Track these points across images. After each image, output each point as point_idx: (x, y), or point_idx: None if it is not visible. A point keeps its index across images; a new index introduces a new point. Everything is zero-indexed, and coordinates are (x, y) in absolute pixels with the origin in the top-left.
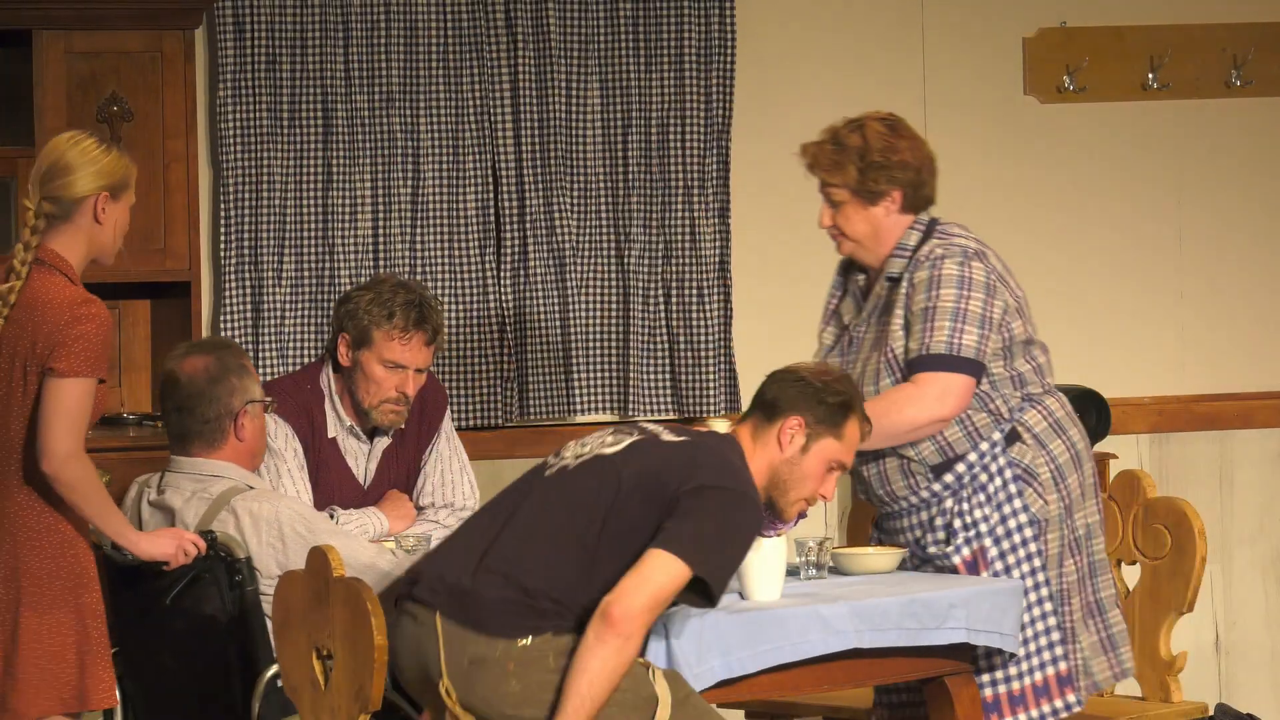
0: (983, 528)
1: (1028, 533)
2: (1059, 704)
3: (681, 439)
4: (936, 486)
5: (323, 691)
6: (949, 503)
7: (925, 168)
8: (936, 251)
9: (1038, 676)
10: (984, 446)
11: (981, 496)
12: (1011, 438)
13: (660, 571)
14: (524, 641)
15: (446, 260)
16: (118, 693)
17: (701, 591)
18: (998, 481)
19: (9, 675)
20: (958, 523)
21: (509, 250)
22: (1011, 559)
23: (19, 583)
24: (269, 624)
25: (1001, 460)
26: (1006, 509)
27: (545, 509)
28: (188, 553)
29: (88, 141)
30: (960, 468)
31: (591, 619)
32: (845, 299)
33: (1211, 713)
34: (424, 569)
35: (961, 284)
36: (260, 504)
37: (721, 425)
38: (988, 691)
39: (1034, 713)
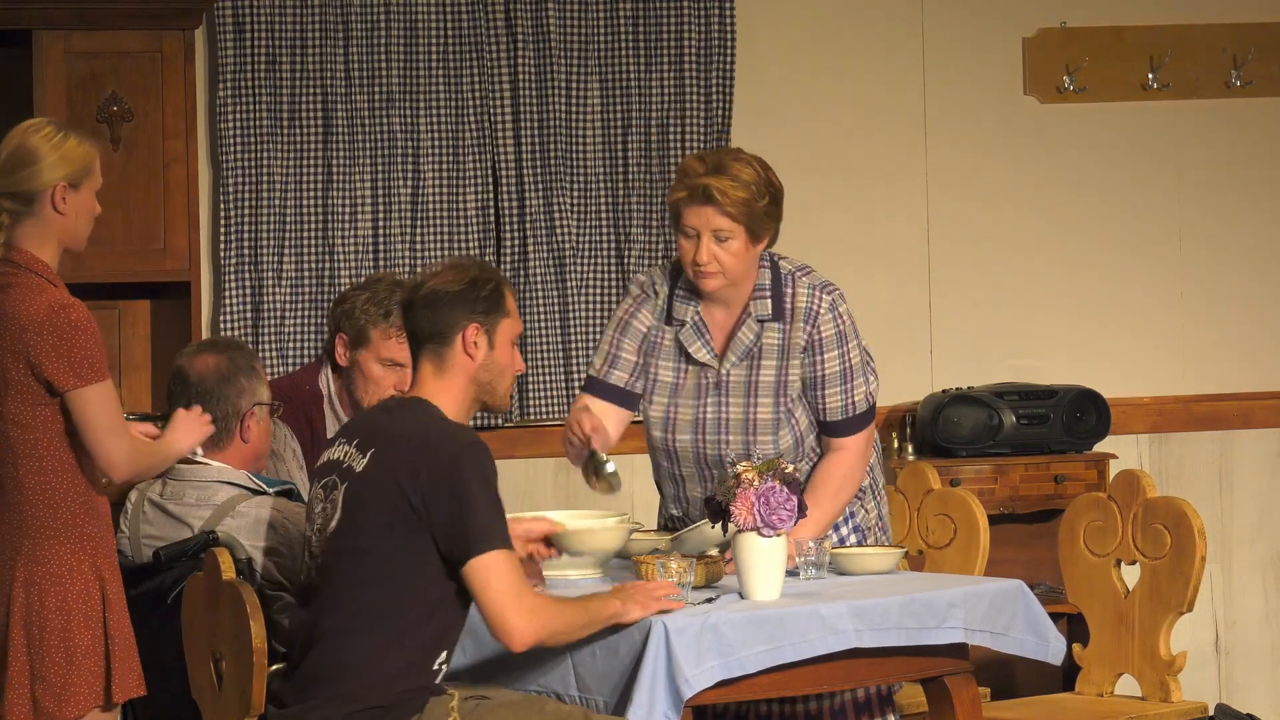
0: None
1: (851, 540)
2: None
3: (370, 456)
4: None
5: (218, 694)
6: None
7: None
8: (824, 299)
9: (859, 693)
10: (809, 438)
11: None
12: None
13: (500, 577)
14: None
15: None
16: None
17: None
18: None
19: (40, 679)
20: None
21: (509, 250)
22: None
23: (41, 586)
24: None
25: None
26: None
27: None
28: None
29: (45, 130)
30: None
31: (513, 651)
32: (686, 330)
33: (1211, 713)
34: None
35: (855, 332)
36: (264, 511)
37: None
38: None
39: None
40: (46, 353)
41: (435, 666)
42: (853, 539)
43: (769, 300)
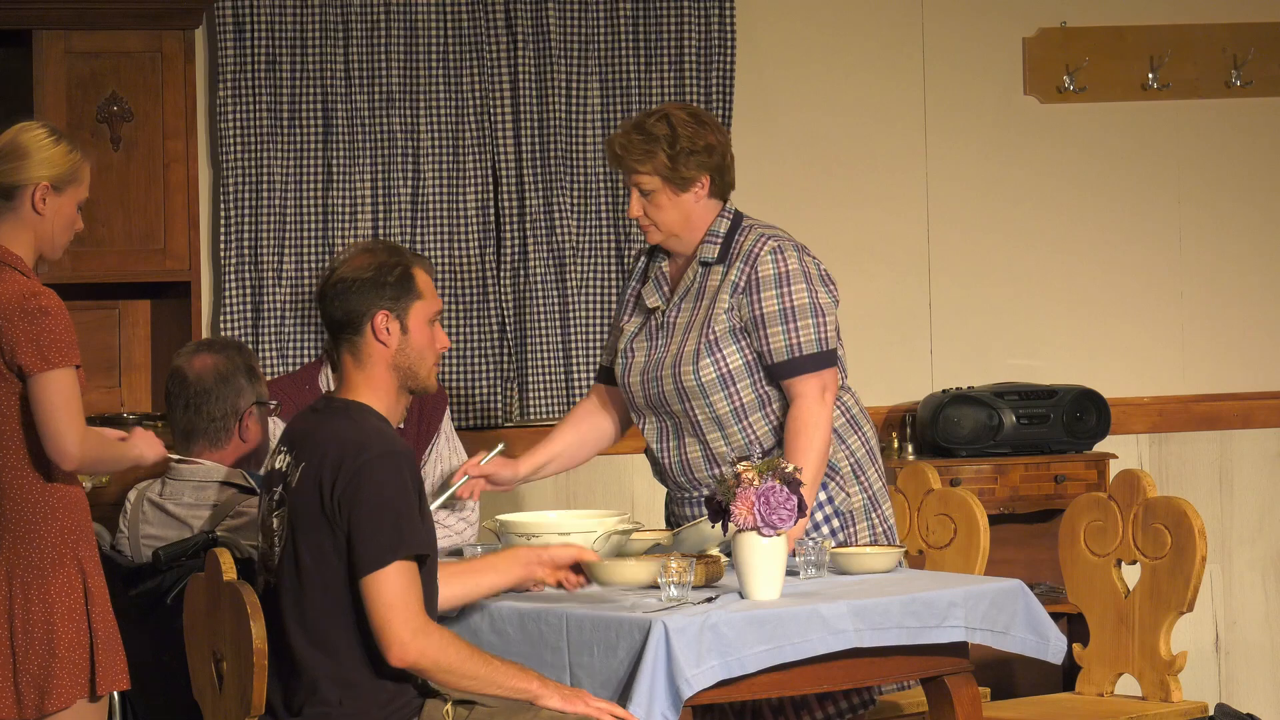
0: None
1: (835, 524)
2: (854, 700)
3: (300, 470)
4: None
5: (219, 695)
6: None
7: (728, 154)
8: (768, 244)
9: None
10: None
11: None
12: None
13: (389, 590)
14: None
15: (446, 260)
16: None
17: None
18: None
19: (24, 672)
20: None
21: (509, 250)
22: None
23: (24, 578)
24: None
25: None
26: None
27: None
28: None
29: (37, 131)
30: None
31: (390, 664)
32: (648, 284)
33: (1211, 713)
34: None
35: (808, 278)
36: None
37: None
38: None
39: (830, 709)
40: (18, 338)
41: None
42: (835, 521)
43: (717, 246)
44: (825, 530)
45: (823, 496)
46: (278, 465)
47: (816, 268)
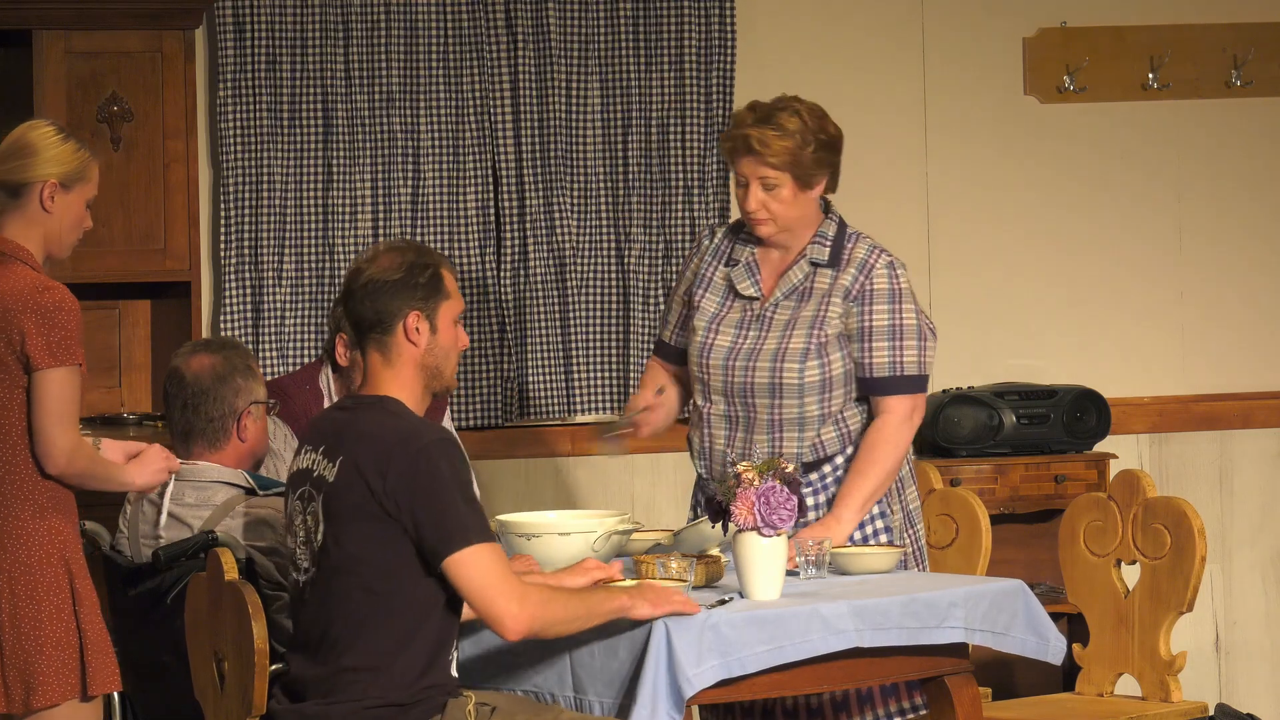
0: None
1: (883, 539)
2: (905, 704)
3: (339, 463)
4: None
5: (220, 695)
6: (809, 501)
7: (842, 151)
8: (884, 258)
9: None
10: (850, 451)
11: None
12: None
13: (481, 569)
14: None
15: None
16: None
17: None
18: None
19: (11, 667)
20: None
21: (509, 250)
22: None
23: (11, 573)
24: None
25: None
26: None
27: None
28: (171, 469)
29: (45, 129)
30: (827, 468)
31: (507, 640)
32: (738, 268)
33: (1211, 713)
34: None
35: (913, 298)
36: (263, 511)
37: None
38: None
39: (880, 711)
40: (29, 329)
41: (449, 663)
42: (883, 537)
43: (827, 248)
44: (873, 543)
45: (875, 509)
46: (304, 466)
47: (907, 279)
